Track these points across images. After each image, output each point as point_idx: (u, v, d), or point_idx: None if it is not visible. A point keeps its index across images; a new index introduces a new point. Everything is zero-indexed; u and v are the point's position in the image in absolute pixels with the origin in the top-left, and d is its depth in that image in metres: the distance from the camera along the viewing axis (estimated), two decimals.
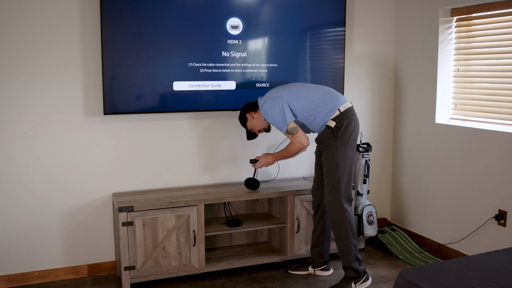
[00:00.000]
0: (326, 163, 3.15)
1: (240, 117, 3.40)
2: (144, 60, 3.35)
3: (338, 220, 3.13)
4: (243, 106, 3.41)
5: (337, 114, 3.10)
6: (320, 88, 3.25)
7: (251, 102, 3.40)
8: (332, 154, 3.10)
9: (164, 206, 3.21)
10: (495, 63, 3.48)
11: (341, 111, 3.10)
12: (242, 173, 3.80)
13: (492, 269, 2.23)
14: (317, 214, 3.37)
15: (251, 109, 3.34)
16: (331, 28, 3.82)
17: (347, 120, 3.09)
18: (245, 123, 3.38)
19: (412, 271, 2.23)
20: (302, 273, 3.49)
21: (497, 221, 3.33)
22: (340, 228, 3.14)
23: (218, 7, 3.47)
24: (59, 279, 3.40)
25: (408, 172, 4.12)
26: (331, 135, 3.08)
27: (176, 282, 3.37)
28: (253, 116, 3.33)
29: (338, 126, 3.08)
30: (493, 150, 3.34)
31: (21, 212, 3.27)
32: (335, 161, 3.09)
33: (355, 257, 3.16)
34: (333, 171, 3.10)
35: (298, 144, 3.17)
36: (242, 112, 3.39)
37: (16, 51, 3.14)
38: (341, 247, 3.17)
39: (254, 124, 3.36)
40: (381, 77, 4.18)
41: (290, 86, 3.30)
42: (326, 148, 3.13)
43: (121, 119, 3.43)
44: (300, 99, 3.16)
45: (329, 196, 3.14)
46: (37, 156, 3.27)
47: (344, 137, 3.08)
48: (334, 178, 3.10)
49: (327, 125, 3.11)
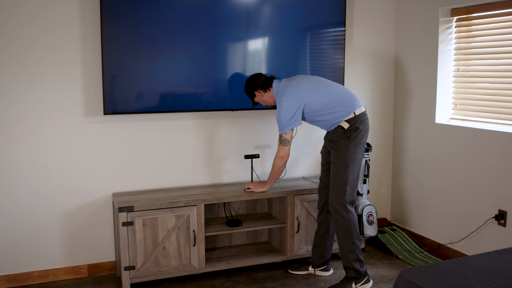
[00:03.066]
0: (334, 163, 3.15)
1: (247, 90, 3.32)
2: (144, 60, 3.35)
3: (342, 220, 3.13)
4: (251, 78, 3.31)
5: (352, 117, 3.10)
6: (338, 89, 3.22)
7: (260, 77, 3.29)
8: (343, 155, 3.10)
9: (164, 206, 3.21)
10: (495, 63, 3.48)
11: (356, 114, 3.11)
12: (242, 173, 3.80)
13: (492, 269, 2.23)
14: (322, 214, 3.37)
15: (261, 87, 3.28)
16: (331, 28, 3.82)
17: (361, 124, 3.10)
18: (253, 97, 3.34)
19: (412, 271, 2.23)
20: (302, 273, 3.49)
21: (497, 221, 3.33)
22: (343, 229, 3.14)
23: (218, 7, 3.47)
24: (59, 279, 3.40)
25: (408, 172, 4.12)
26: (344, 136, 3.09)
27: (176, 282, 3.37)
28: (262, 94, 3.29)
29: (352, 128, 3.08)
30: (493, 150, 3.34)
31: (21, 212, 3.27)
32: (345, 162, 3.09)
33: (357, 258, 3.16)
34: (342, 172, 3.10)
35: (279, 159, 3.25)
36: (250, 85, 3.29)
37: (16, 51, 3.14)
38: (344, 248, 3.17)
39: (262, 100, 3.33)
40: (381, 77, 4.18)
41: (312, 83, 3.23)
42: (336, 148, 3.13)
43: (121, 119, 3.43)
44: (317, 99, 3.14)
45: (334, 197, 3.14)
46: (37, 156, 3.27)
47: (357, 140, 3.09)
48: (342, 179, 3.11)
49: (340, 126, 3.11)
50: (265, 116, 3.82)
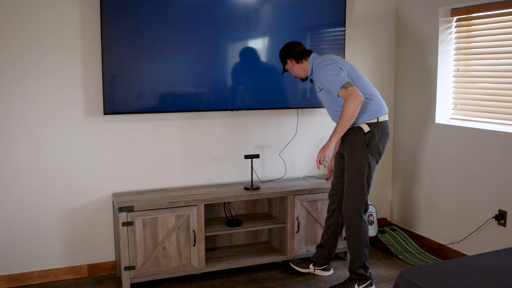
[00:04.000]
0: (350, 170, 3.06)
1: (282, 55, 3.23)
2: (144, 60, 3.35)
3: (355, 228, 3.09)
4: (289, 44, 3.20)
5: (374, 121, 3.01)
6: (372, 86, 3.09)
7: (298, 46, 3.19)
8: (360, 163, 3.02)
9: (164, 206, 3.21)
10: (495, 63, 3.48)
11: (378, 120, 3.03)
12: (242, 173, 3.80)
13: (492, 269, 2.23)
14: (331, 219, 3.33)
15: (295, 57, 3.17)
16: (331, 28, 3.82)
17: (381, 131, 3.02)
18: (284, 64, 3.24)
19: (412, 271, 2.23)
20: (303, 270, 3.47)
21: (497, 221, 3.33)
22: (355, 237, 3.10)
23: (218, 7, 3.47)
24: (59, 279, 3.40)
25: (408, 172, 4.12)
26: (364, 143, 3.00)
27: (176, 282, 3.37)
28: (293, 64, 3.19)
29: (372, 134, 3.00)
30: (493, 150, 3.34)
31: (21, 212, 3.27)
32: (361, 170, 3.02)
33: (363, 265, 3.14)
34: (358, 180, 3.04)
35: (352, 99, 2.83)
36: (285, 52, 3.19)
37: (16, 51, 3.14)
38: (352, 254, 3.15)
39: (292, 70, 3.23)
40: (381, 77, 4.18)
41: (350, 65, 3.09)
42: (354, 155, 3.04)
43: (121, 119, 3.43)
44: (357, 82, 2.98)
45: (350, 205, 3.09)
46: (37, 156, 3.27)
47: (375, 149, 3.03)
48: (358, 188, 3.04)
49: (360, 127, 3.02)
50: (265, 116, 3.82)
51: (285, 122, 3.88)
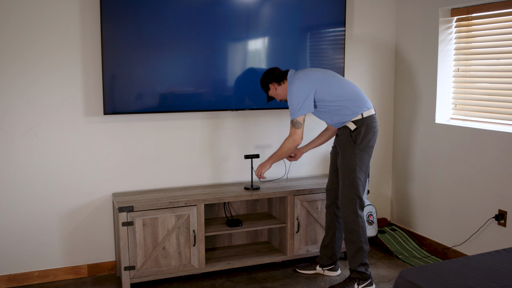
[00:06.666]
0: (342, 168, 3.13)
1: (263, 83, 3.31)
2: (144, 60, 3.35)
3: (351, 224, 3.12)
4: (268, 71, 3.30)
5: (359, 118, 3.07)
6: (350, 86, 3.18)
7: (277, 70, 3.29)
8: (349, 160, 3.08)
9: (164, 206, 3.21)
10: (495, 63, 3.48)
11: (363, 116, 3.08)
12: (242, 173, 3.80)
13: (492, 269, 2.23)
14: (328, 216, 3.38)
15: (275, 80, 3.25)
16: (331, 28, 3.82)
17: (367, 126, 3.07)
18: (267, 90, 3.31)
19: (412, 271, 2.23)
20: (310, 272, 3.48)
21: (497, 221, 3.33)
22: (352, 233, 3.13)
23: (218, 7, 3.47)
24: (59, 279, 3.40)
25: (408, 172, 4.12)
26: (351, 140, 3.07)
27: (176, 282, 3.37)
28: (276, 87, 3.25)
29: (358, 131, 3.06)
30: (493, 150, 3.34)
31: (21, 212, 3.27)
32: (351, 167, 3.07)
33: (363, 262, 3.15)
34: (349, 177, 3.09)
35: (291, 141, 3.13)
36: (266, 78, 3.28)
37: (16, 51, 3.14)
38: (350, 251, 3.16)
39: (276, 94, 3.29)
40: (381, 76, 4.18)
41: (326, 74, 3.20)
42: (343, 153, 3.11)
43: (121, 119, 3.43)
44: (330, 92, 3.09)
45: (344, 201, 3.13)
46: (37, 156, 3.27)
47: (363, 144, 3.07)
48: (349, 183, 3.09)
49: (347, 126, 3.10)
50: (265, 116, 3.82)
51: (285, 122, 3.88)
